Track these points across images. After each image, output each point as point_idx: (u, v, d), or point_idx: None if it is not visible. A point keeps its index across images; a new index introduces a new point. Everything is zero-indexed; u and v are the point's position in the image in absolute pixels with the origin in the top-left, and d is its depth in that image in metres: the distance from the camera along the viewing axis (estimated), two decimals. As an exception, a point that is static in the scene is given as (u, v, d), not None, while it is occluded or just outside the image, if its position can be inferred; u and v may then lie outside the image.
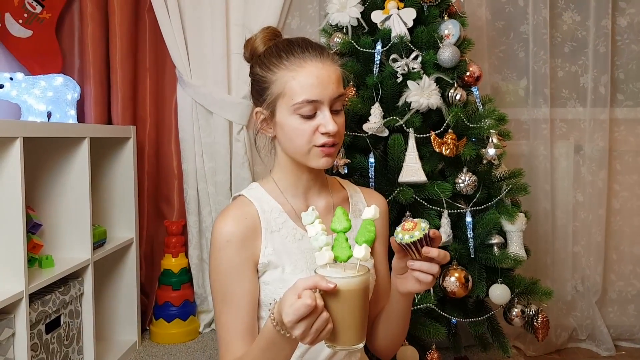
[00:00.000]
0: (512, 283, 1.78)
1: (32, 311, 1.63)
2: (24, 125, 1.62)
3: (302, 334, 0.87)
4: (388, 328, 1.20)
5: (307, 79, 1.09)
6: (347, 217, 0.96)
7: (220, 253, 1.12)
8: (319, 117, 1.10)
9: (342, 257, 0.93)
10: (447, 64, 1.80)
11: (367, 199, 1.30)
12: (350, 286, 0.89)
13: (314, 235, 0.94)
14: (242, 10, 2.44)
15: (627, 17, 2.46)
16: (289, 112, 1.11)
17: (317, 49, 1.13)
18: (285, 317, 0.87)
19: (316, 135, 1.10)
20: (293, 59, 1.11)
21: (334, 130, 1.09)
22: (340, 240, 0.94)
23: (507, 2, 2.48)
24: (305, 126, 1.10)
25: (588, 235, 2.45)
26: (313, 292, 0.87)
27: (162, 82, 2.54)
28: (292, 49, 1.13)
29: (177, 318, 2.38)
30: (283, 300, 0.89)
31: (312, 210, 0.96)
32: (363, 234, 0.94)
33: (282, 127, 1.13)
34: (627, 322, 2.49)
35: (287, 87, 1.10)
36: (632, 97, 2.49)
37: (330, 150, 1.11)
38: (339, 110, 1.14)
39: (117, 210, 2.30)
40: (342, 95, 1.14)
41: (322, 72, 1.10)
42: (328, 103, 1.10)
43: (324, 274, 0.89)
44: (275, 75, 1.12)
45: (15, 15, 2.08)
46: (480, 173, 1.81)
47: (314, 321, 0.87)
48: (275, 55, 1.14)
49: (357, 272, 0.91)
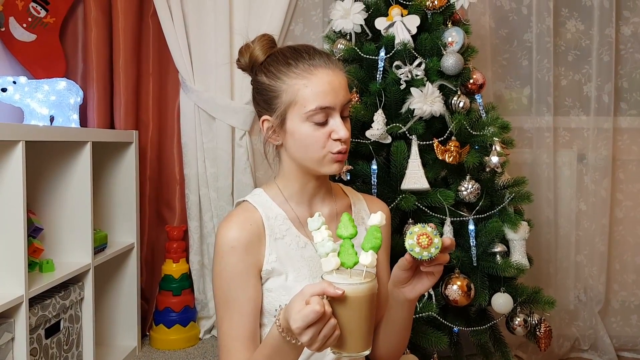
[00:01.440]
0: (514, 292, 1.77)
1: (32, 315, 1.63)
2: (27, 128, 1.62)
3: (309, 341, 0.86)
4: (389, 336, 1.19)
5: (319, 86, 1.08)
6: (353, 224, 0.96)
7: (224, 259, 1.11)
8: (331, 124, 1.10)
9: (348, 263, 0.92)
10: (451, 71, 1.80)
11: (370, 206, 1.30)
12: (357, 293, 0.89)
13: (320, 242, 0.93)
14: (245, 16, 2.44)
15: (631, 26, 2.46)
16: (301, 120, 1.10)
17: (324, 56, 1.13)
18: (293, 324, 0.86)
19: (329, 142, 1.11)
20: (302, 66, 1.10)
21: (346, 136, 1.10)
22: (346, 246, 0.93)
23: (510, 10, 2.48)
24: (318, 133, 1.10)
25: (591, 244, 2.44)
26: (321, 298, 0.87)
27: (165, 87, 2.54)
28: (300, 56, 1.12)
29: (177, 324, 2.37)
30: (290, 306, 0.89)
31: (318, 216, 0.95)
32: (369, 240, 0.94)
33: (293, 135, 1.12)
34: (629, 333, 2.48)
35: (299, 95, 1.09)
36: (635, 106, 2.49)
37: (342, 156, 1.13)
38: (347, 116, 1.15)
39: (119, 215, 2.29)
40: (350, 101, 1.15)
41: (333, 79, 1.10)
42: (339, 109, 1.11)
43: (331, 281, 0.89)
44: (285, 84, 1.11)
45: (20, 19, 2.09)
46: (483, 181, 1.80)
47: (321, 328, 0.86)
48: (282, 63, 1.13)
49: (363, 279, 0.90)
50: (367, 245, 0.93)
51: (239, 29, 2.43)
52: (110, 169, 2.28)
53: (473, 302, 1.72)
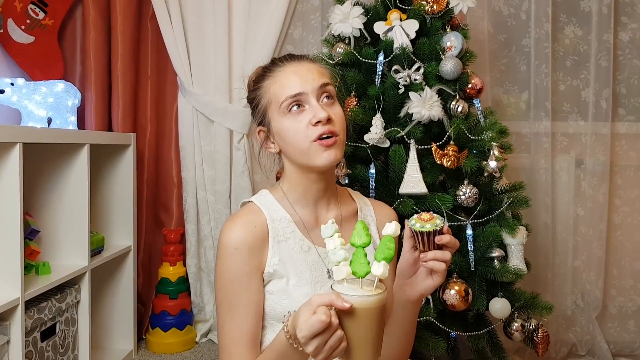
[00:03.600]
0: (512, 297, 1.76)
1: (28, 318, 1.62)
2: (24, 130, 1.61)
3: (315, 351, 0.85)
4: (391, 340, 1.17)
5: (284, 78, 1.13)
6: (367, 232, 0.93)
7: (227, 260, 1.10)
8: (308, 110, 1.10)
9: (359, 273, 0.89)
10: (449, 75, 1.80)
11: (377, 212, 1.28)
12: (366, 305, 0.87)
13: (332, 250, 0.91)
14: (245, 19, 2.44)
15: (629, 32, 2.47)
16: (280, 116, 1.12)
17: (297, 57, 1.17)
18: (299, 333, 0.85)
19: (310, 128, 1.09)
20: (274, 69, 1.16)
21: (324, 116, 1.08)
22: (358, 255, 0.91)
23: (509, 16, 2.49)
24: (297, 123, 1.10)
25: (589, 249, 2.44)
26: (328, 309, 0.85)
27: (163, 90, 2.54)
28: (274, 63, 1.18)
29: (174, 327, 2.36)
30: (298, 314, 0.88)
31: (331, 224, 0.94)
32: (382, 250, 0.91)
33: (279, 134, 1.14)
34: (627, 338, 2.48)
35: (271, 93, 1.14)
36: (633, 111, 2.49)
37: (329, 141, 1.09)
38: (331, 101, 1.13)
39: (116, 217, 2.29)
40: (329, 85, 1.13)
41: (298, 68, 1.13)
42: (313, 93, 1.11)
43: (341, 291, 0.87)
44: (261, 89, 1.16)
45: (18, 21, 2.08)
46: (481, 185, 1.80)
47: (327, 338, 0.85)
48: (260, 74, 1.19)
49: (374, 291, 0.88)
50: (379, 256, 0.91)
51: (238, 31, 2.43)
52: (107, 172, 2.27)
53: (471, 307, 1.72)
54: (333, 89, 1.15)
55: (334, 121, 1.10)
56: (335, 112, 1.12)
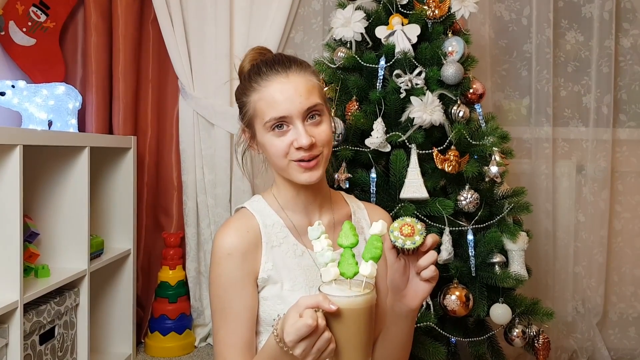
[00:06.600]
0: (513, 303, 1.76)
1: (27, 321, 1.61)
2: (25, 132, 1.61)
3: (302, 354, 0.85)
4: (387, 354, 1.15)
5: (270, 98, 1.08)
6: (354, 232, 0.94)
7: (221, 266, 1.10)
8: (292, 132, 1.09)
9: (348, 273, 0.90)
10: (451, 80, 1.80)
11: (371, 215, 1.28)
12: (354, 305, 0.87)
13: (320, 251, 0.91)
14: (246, 23, 2.44)
15: (631, 38, 2.47)
16: (264, 132, 1.11)
17: (284, 64, 1.12)
18: (287, 337, 0.85)
19: (291, 150, 1.09)
20: (260, 80, 1.11)
21: (307, 144, 1.06)
22: (346, 256, 0.91)
23: (510, 21, 2.49)
24: (279, 142, 1.09)
25: (589, 256, 2.44)
26: (315, 311, 0.85)
27: (164, 93, 2.54)
28: (260, 70, 1.12)
29: (173, 331, 2.35)
30: (285, 318, 0.88)
31: (318, 225, 0.94)
32: (369, 250, 0.92)
33: (263, 146, 1.14)
34: (627, 345, 2.47)
35: (257, 109, 1.11)
36: (634, 118, 2.49)
37: (309, 164, 1.09)
38: (318, 120, 1.11)
39: (115, 220, 2.28)
40: (317, 105, 1.10)
41: (285, 87, 1.08)
42: (299, 116, 1.08)
43: (329, 292, 0.87)
44: (248, 98, 1.13)
45: (19, 23, 2.08)
46: (482, 191, 1.80)
47: (315, 341, 0.85)
48: (247, 78, 1.15)
49: (362, 291, 0.88)
50: (367, 255, 0.92)
51: (240, 35, 2.44)
52: (107, 175, 2.27)
53: (471, 312, 1.71)
54: (321, 106, 1.12)
55: (316, 145, 1.09)
56: (320, 131, 1.10)
